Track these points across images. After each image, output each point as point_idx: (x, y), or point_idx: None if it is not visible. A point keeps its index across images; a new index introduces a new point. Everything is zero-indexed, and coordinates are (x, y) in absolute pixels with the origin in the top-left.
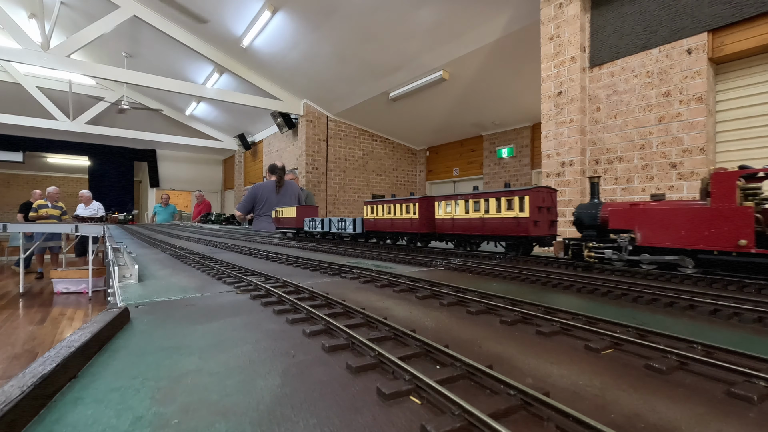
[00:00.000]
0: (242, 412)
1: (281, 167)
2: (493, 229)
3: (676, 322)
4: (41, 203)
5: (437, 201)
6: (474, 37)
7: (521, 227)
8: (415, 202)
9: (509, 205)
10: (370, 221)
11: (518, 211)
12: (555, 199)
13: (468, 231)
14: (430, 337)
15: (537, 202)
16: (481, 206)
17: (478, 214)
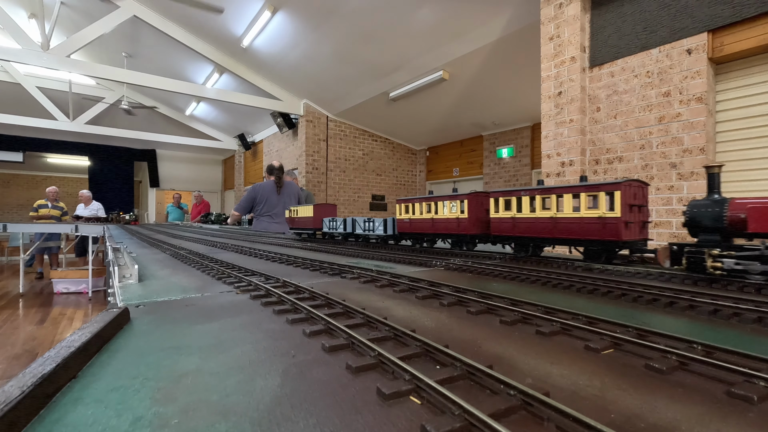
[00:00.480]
0: (242, 412)
1: (278, 167)
2: (567, 231)
3: (676, 322)
4: (41, 203)
5: (493, 197)
6: (474, 37)
7: (609, 229)
8: (464, 199)
9: (592, 202)
10: (404, 222)
11: (605, 210)
12: (647, 196)
13: (533, 233)
14: (430, 337)
15: (628, 198)
16: (553, 203)
17: (548, 212)
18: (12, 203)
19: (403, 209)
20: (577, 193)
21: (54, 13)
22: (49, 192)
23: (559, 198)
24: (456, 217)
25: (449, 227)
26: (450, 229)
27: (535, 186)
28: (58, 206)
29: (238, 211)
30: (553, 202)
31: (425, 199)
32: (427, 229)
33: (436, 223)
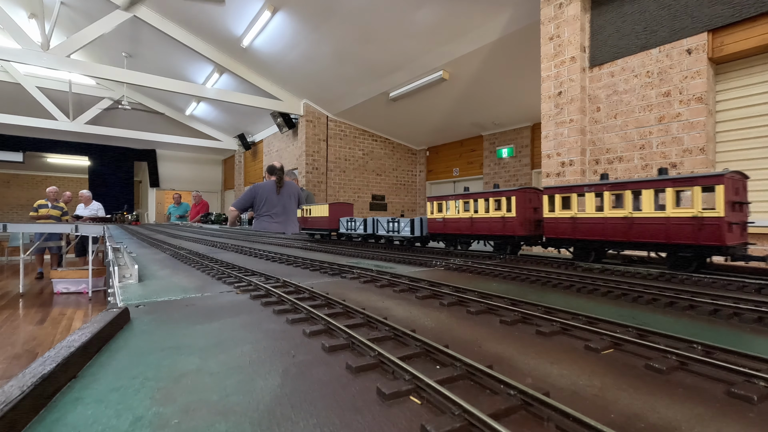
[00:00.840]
0: (242, 412)
1: (280, 168)
2: (647, 233)
3: (676, 322)
4: (41, 203)
5: (547, 194)
6: (474, 37)
7: (708, 232)
8: (511, 196)
9: (682, 199)
10: (437, 222)
11: (700, 209)
12: (746, 192)
13: (600, 235)
14: (430, 337)
15: (731, 194)
16: (626, 201)
17: (620, 212)
18: (12, 203)
19: (435, 207)
20: (661, 189)
21: (54, 13)
22: (49, 192)
23: (636, 196)
24: (501, 217)
25: (492, 227)
26: (493, 230)
27: (599, 181)
28: (58, 206)
29: (235, 207)
30: (627, 200)
31: (463, 196)
32: (464, 229)
33: (475, 223)
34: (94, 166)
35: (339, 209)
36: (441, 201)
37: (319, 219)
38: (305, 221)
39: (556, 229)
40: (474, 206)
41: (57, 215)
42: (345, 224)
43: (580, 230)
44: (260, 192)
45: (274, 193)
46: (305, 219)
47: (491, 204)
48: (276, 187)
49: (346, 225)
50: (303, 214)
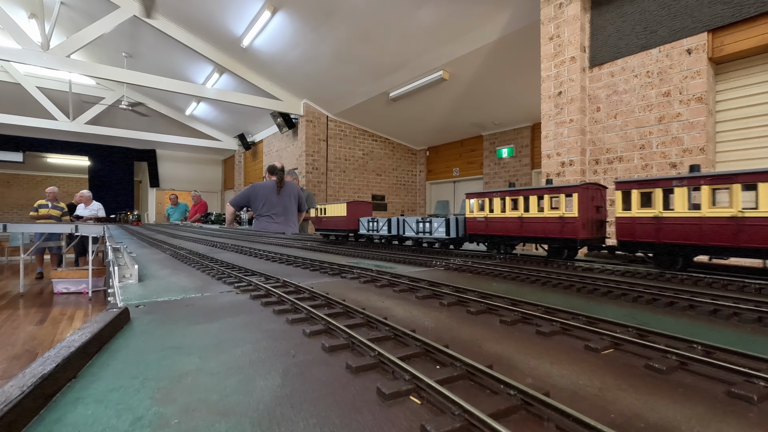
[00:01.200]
0: (242, 412)
1: (281, 168)
2: None
3: (676, 322)
4: (42, 203)
5: (621, 189)
6: (474, 37)
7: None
8: (572, 192)
9: None
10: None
11: None
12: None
13: (693, 239)
14: (430, 337)
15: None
16: (736, 197)
17: (727, 210)
18: (12, 203)
19: (475, 206)
20: None
21: (54, 13)
22: (49, 192)
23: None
24: (559, 217)
25: (548, 229)
26: (549, 232)
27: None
28: (58, 206)
29: (232, 204)
30: (735, 195)
31: (510, 192)
32: (512, 230)
33: (526, 224)
34: (94, 166)
35: (357, 208)
36: (483, 198)
37: (335, 219)
38: (319, 222)
39: (632, 232)
40: (524, 204)
41: (57, 215)
42: (366, 225)
43: (666, 232)
44: (259, 191)
45: (275, 193)
46: (319, 219)
47: (546, 202)
48: (276, 187)
49: (367, 226)
50: (317, 213)
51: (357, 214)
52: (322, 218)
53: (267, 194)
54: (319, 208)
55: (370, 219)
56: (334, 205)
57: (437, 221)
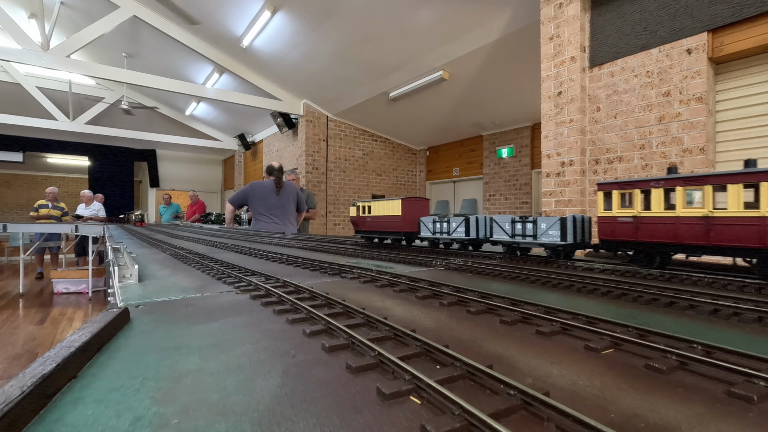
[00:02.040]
0: (242, 412)
1: (278, 168)
2: None
3: (676, 322)
4: (42, 203)
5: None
6: (474, 37)
7: None
8: None
9: None
10: (623, 223)
11: None
12: None
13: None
14: (430, 337)
15: None
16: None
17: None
18: (12, 203)
19: (615, 200)
20: None
21: (54, 13)
22: (49, 193)
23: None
24: (760, 216)
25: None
26: (745, 239)
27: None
28: (58, 206)
29: (230, 203)
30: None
31: (685, 179)
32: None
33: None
34: (94, 166)
35: (414, 207)
36: (631, 189)
37: (384, 219)
38: (362, 222)
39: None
40: (713, 197)
41: (57, 215)
42: (431, 226)
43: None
44: (258, 191)
45: (274, 193)
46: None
47: (735, 195)
48: (276, 187)
49: (433, 227)
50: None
51: (415, 214)
52: (365, 219)
53: (266, 194)
54: (361, 206)
55: (437, 219)
56: (382, 203)
57: (546, 221)
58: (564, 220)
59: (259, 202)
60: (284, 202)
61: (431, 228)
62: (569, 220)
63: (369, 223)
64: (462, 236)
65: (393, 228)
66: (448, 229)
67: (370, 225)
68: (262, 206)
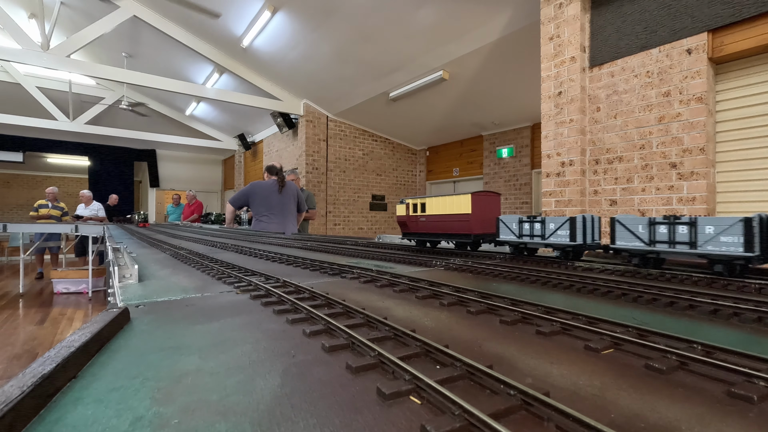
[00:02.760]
0: (242, 412)
1: (279, 167)
2: None
3: (676, 322)
4: (42, 203)
5: None
6: (474, 37)
7: None
8: None
9: None
10: None
11: None
12: None
13: None
14: (430, 337)
15: None
16: None
17: None
18: (12, 203)
19: None
20: None
21: (54, 13)
22: (49, 193)
23: None
24: None
25: None
26: None
27: None
28: (58, 206)
29: (231, 203)
30: None
31: None
32: None
33: None
34: (94, 166)
35: (487, 203)
36: None
37: (448, 219)
38: (413, 223)
39: None
40: None
41: (57, 215)
42: (515, 227)
43: None
44: (259, 190)
45: (276, 193)
46: (413, 219)
47: None
48: (278, 187)
49: (519, 228)
50: (408, 211)
51: (487, 212)
52: (416, 219)
53: (267, 194)
54: (411, 204)
55: (529, 218)
56: (443, 199)
57: (712, 223)
58: (747, 222)
59: (260, 202)
60: (286, 201)
61: (516, 229)
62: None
63: (423, 224)
64: (565, 241)
65: (459, 229)
66: (543, 232)
67: (425, 226)
68: (264, 206)
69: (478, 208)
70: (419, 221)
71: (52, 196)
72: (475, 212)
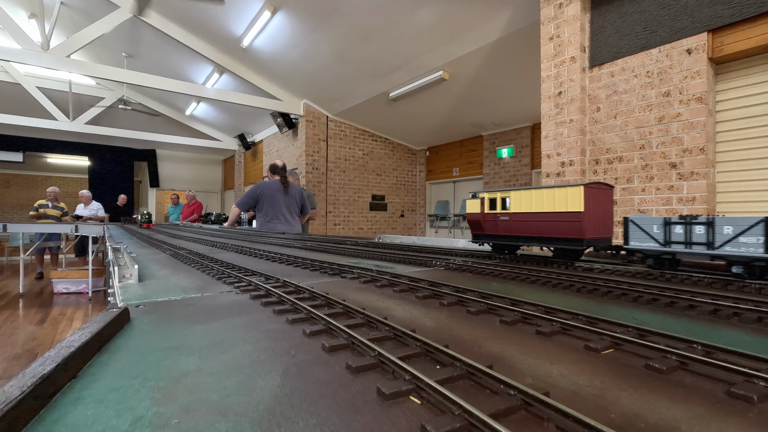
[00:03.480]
0: (242, 412)
1: (282, 166)
2: None
3: (676, 322)
4: (42, 203)
5: None
6: (474, 37)
7: None
8: None
9: None
10: None
11: None
12: None
13: None
14: (430, 337)
15: None
16: None
17: None
18: (12, 203)
19: None
20: None
21: (54, 13)
22: (50, 192)
23: None
24: None
25: None
26: None
27: None
28: (58, 206)
29: (238, 206)
30: None
31: None
32: None
33: None
34: (94, 166)
35: (600, 199)
36: None
37: (546, 219)
38: (491, 223)
39: None
40: None
41: (57, 215)
42: (657, 231)
43: None
44: (266, 191)
45: (282, 192)
46: (491, 219)
47: None
48: (283, 187)
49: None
50: (484, 208)
51: (600, 210)
52: (496, 218)
53: (274, 193)
54: (487, 197)
55: (673, 219)
56: (539, 193)
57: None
58: None
59: (269, 203)
60: (291, 201)
61: (660, 234)
62: None
63: (505, 225)
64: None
65: (564, 232)
66: (710, 238)
67: (508, 227)
68: (273, 206)
69: (591, 205)
70: (499, 221)
71: (53, 195)
72: (588, 210)
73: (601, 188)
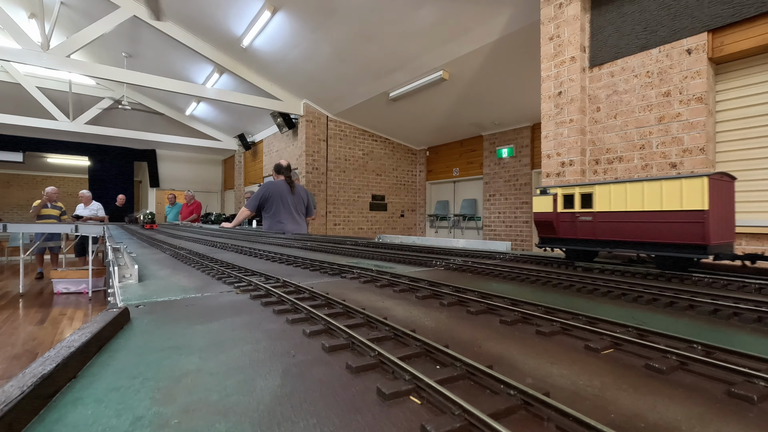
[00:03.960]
0: (242, 412)
1: (287, 166)
2: None
3: (676, 322)
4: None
5: None
6: (474, 37)
7: None
8: None
9: None
10: None
11: None
12: None
13: None
14: (430, 337)
15: None
16: None
17: None
18: (12, 203)
19: None
20: None
21: (54, 13)
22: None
23: None
24: None
25: None
26: None
27: None
28: (56, 206)
29: (248, 208)
30: None
31: None
32: None
33: None
34: (94, 166)
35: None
36: None
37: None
38: (567, 224)
39: None
40: None
41: (56, 215)
42: None
43: None
44: (274, 191)
45: (289, 192)
46: (567, 218)
47: None
48: (290, 186)
49: None
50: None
51: (723, 208)
52: (574, 217)
53: (282, 193)
54: (560, 193)
55: None
56: (640, 186)
57: None
58: None
59: (277, 202)
60: (299, 201)
61: None
62: None
63: (587, 227)
64: None
65: (676, 236)
66: None
67: (591, 229)
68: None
69: (716, 202)
70: (578, 221)
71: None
72: (713, 208)
73: (724, 180)
